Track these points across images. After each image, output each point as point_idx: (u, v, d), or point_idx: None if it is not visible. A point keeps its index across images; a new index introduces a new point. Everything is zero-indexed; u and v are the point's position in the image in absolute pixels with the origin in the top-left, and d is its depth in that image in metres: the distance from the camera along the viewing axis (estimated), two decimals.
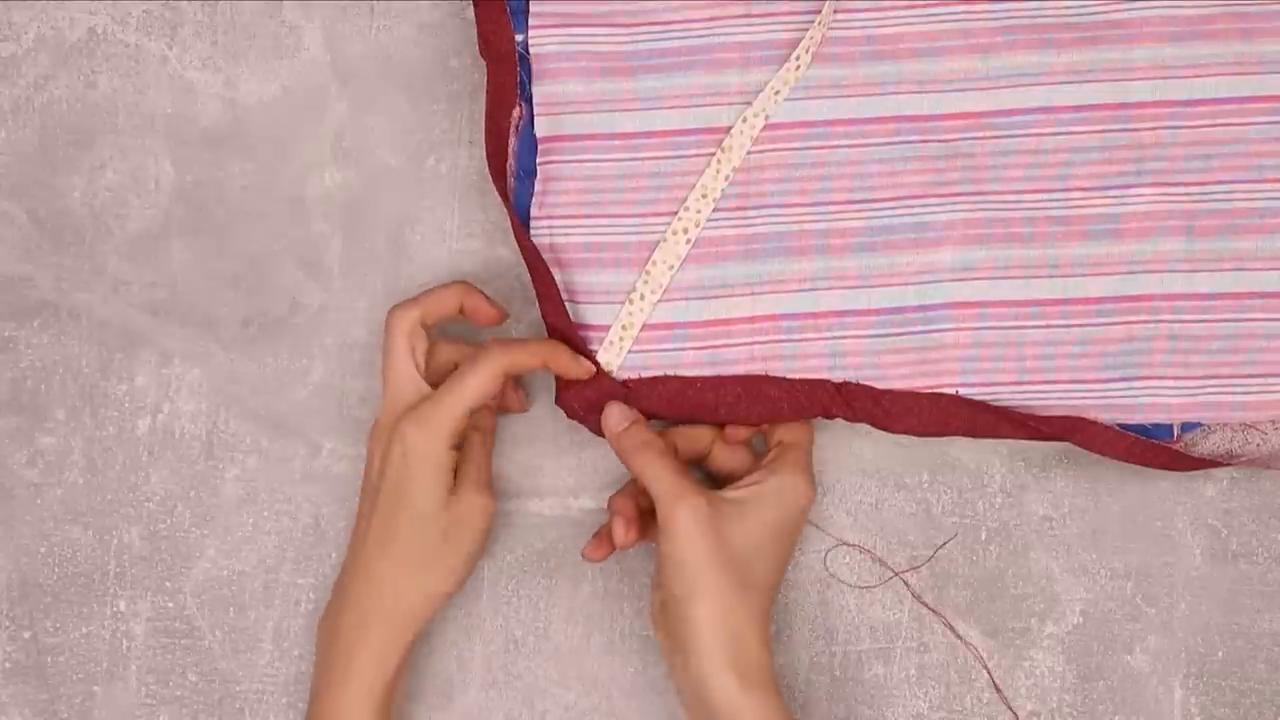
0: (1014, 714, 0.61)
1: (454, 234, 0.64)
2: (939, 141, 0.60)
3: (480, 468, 0.59)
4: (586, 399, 0.60)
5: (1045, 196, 0.60)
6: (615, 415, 0.59)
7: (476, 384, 0.56)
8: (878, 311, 0.60)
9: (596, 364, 0.60)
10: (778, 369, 0.60)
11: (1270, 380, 0.59)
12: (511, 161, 0.61)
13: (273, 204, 0.64)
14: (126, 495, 0.64)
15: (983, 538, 0.62)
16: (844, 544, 0.57)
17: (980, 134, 0.60)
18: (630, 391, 0.60)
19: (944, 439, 0.62)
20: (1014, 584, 0.62)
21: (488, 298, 0.60)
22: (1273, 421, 0.59)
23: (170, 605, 0.64)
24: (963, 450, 0.62)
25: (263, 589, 0.64)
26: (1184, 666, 0.61)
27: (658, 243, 0.60)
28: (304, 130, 0.64)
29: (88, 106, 0.65)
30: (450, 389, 0.57)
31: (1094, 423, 0.59)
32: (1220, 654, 0.62)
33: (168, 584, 0.64)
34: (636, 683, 0.63)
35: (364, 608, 0.57)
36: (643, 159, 0.60)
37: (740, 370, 0.60)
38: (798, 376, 0.60)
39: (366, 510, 0.58)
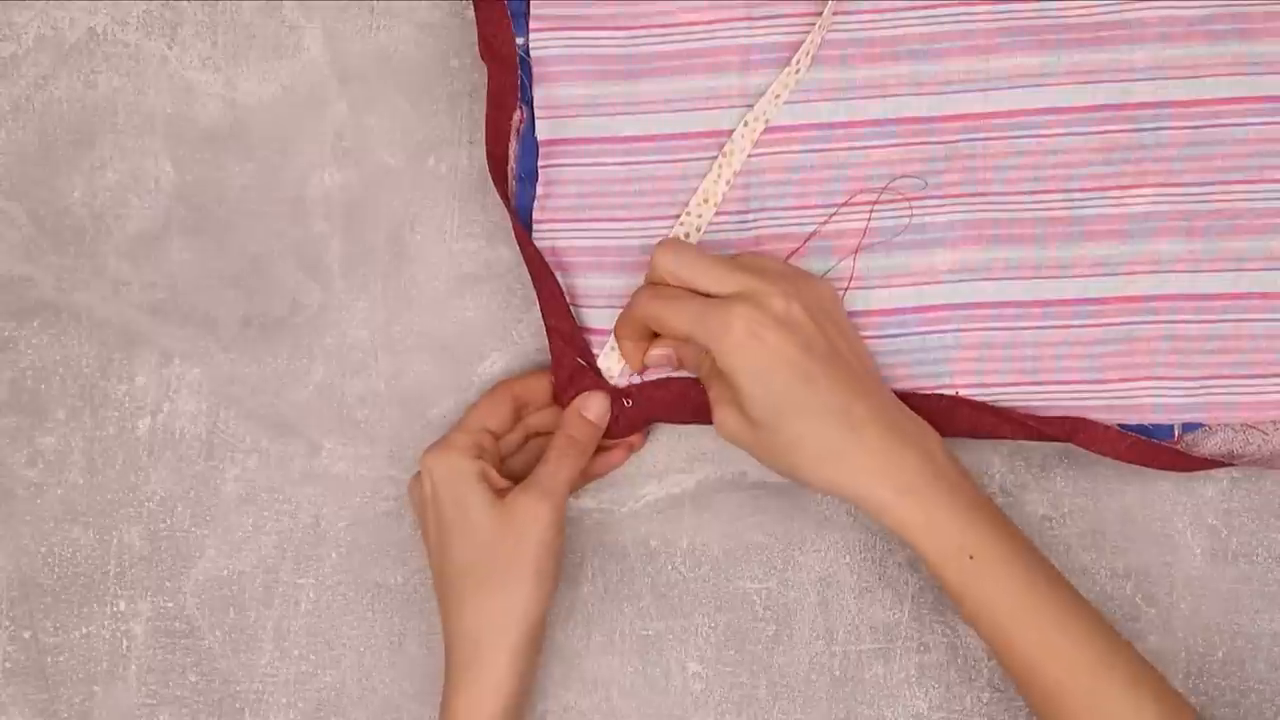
0: None
1: (454, 234, 0.64)
2: (939, 143, 0.60)
3: (547, 475, 0.58)
4: None
5: (1046, 197, 0.60)
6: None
7: (481, 406, 0.60)
8: (878, 312, 0.60)
9: (596, 369, 0.60)
10: None
11: (1271, 380, 0.59)
12: (512, 164, 0.61)
13: (273, 204, 0.64)
14: (126, 495, 0.64)
15: None
16: None
17: (980, 135, 0.60)
18: (632, 394, 0.60)
19: (944, 438, 0.62)
20: None
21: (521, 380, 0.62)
22: (1274, 421, 0.59)
23: (170, 605, 0.64)
24: (963, 450, 0.62)
25: (263, 589, 0.64)
26: (1184, 666, 0.61)
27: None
28: (304, 130, 0.64)
29: (88, 106, 0.64)
30: (462, 418, 0.60)
31: (1095, 423, 0.59)
32: (1220, 654, 0.62)
33: (168, 584, 0.64)
34: (636, 683, 0.63)
35: (452, 645, 0.57)
36: (644, 163, 0.60)
37: None
38: None
39: (430, 556, 0.59)
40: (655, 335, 0.58)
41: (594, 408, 0.60)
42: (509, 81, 0.60)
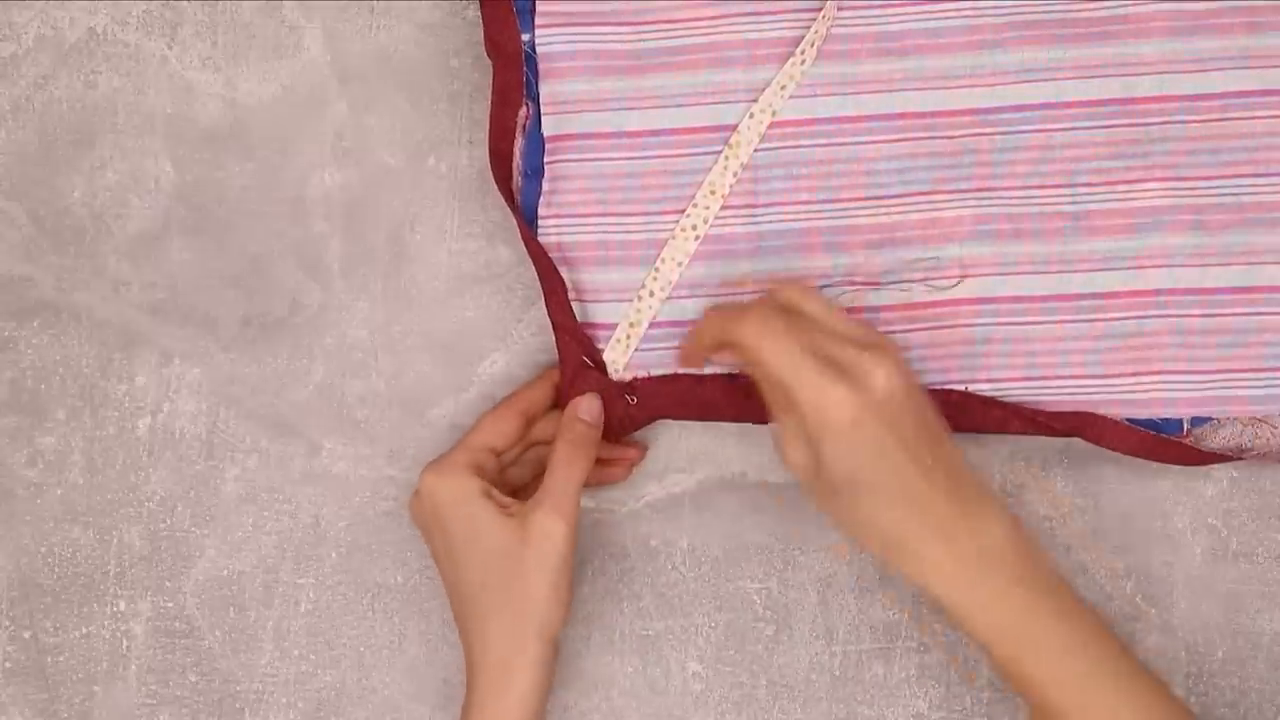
0: None
1: (454, 234, 0.64)
2: (946, 138, 0.60)
3: (557, 488, 0.56)
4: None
5: (1053, 192, 0.60)
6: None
7: (486, 424, 0.59)
8: (885, 308, 0.60)
9: (602, 363, 0.60)
10: None
11: (1279, 375, 0.59)
12: (518, 160, 0.61)
13: (273, 204, 0.64)
14: (126, 495, 0.64)
15: None
16: None
17: (987, 130, 0.60)
18: (638, 389, 0.60)
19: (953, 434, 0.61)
20: None
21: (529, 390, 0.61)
22: None
23: (170, 605, 0.64)
24: (966, 447, 0.62)
25: (263, 589, 0.64)
26: (1184, 666, 0.61)
27: (666, 240, 0.60)
28: (304, 130, 0.64)
29: (88, 106, 0.64)
30: (466, 435, 0.59)
31: (1104, 418, 0.59)
32: (1220, 654, 0.62)
33: (168, 584, 0.64)
34: (636, 682, 0.63)
35: (476, 664, 0.56)
36: (650, 157, 0.60)
37: None
38: None
39: (443, 575, 0.58)
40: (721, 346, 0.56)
41: (588, 409, 0.59)
42: (514, 78, 0.60)
